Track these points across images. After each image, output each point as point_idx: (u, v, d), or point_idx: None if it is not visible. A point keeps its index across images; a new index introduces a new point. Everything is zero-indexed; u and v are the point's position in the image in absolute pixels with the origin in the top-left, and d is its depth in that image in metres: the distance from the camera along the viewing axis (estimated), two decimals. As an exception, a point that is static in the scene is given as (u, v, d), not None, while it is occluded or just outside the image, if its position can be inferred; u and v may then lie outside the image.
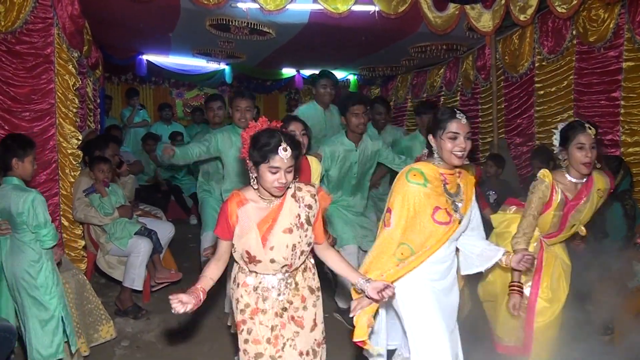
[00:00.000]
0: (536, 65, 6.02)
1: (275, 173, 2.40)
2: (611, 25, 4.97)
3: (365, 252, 3.61)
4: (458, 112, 2.77)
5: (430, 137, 2.83)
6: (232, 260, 2.69)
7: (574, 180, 3.22)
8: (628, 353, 3.93)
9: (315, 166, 3.84)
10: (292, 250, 2.54)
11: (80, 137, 4.79)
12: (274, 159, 2.38)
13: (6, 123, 4.38)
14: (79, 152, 4.78)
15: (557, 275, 3.43)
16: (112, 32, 6.45)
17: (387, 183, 5.48)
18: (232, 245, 2.58)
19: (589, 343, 4.07)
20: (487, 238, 3.17)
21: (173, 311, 2.33)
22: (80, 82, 4.90)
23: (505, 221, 3.64)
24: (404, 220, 2.73)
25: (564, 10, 4.94)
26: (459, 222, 2.80)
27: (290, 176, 2.45)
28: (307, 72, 9.43)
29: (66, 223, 4.72)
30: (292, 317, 2.64)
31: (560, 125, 3.25)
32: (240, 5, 5.18)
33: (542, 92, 5.95)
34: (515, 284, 3.18)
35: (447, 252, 2.87)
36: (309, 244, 2.61)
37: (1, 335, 3.36)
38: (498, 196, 5.37)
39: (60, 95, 4.59)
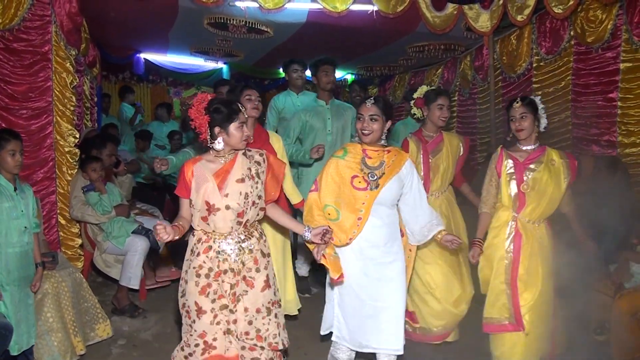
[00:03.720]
0: (534, 65, 6.03)
1: (242, 127, 2.90)
2: (609, 26, 4.98)
3: None
4: (369, 99, 3.31)
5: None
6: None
7: (523, 147, 3.66)
8: (623, 353, 3.95)
9: (277, 143, 4.14)
10: (245, 199, 2.92)
11: (77, 135, 4.78)
12: (239, 116, 2.89)
13: (3, 121, 4.38)
14: (76, 150, 4.78)
15: (533, 258, 3.58)
16: (110, 30, 6.44)
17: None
18: (191, 203, 2.94)
19: (584, 342, 4.11)
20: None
21: (157, 237, 2.73)
22: (77, 80, 4.89)
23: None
24: (324, 185, 3.29)
25: (560, 11, 4.95)
26: (377, 188, 3.24)
27: (248, 128, 3.07)
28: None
29: (63, 221, 4.71)
30: (244, 277, 2.99)
31: None
32: (238, 3, 5.19)
33: (539, 92, 5.95)
34: (476, 240, 3.67)
35: (380, 221, 3.28)
36: (259, 197, 3.00)
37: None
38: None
39: (57, 93, 4.58)
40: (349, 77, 9.78)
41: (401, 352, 3.25)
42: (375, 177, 3.25)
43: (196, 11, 5.38)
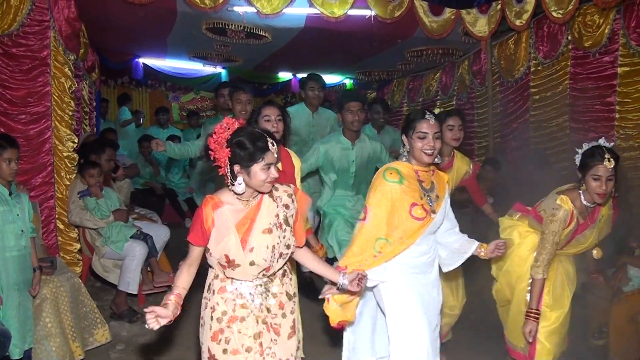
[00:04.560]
0: (531, 70, 6.03)
1: (268, 169, 2.37)
2: (606, 31, 4.99)
3: None
4: (427, 112, 2.91)
5: (404, 136, 2.98)
6: (205, 266, 2.65)
7: (587, 204, 3.25)
8: (621, 357, 3.96)
9: (296, 160, 3.64)
10: (272, 252, 2.47)
11: (75, 140, 4.79)
12: (267, 156, 2.36)
13: (2, 125, 4.38)
14: (75, 155, 4.78)
15: (560, 283, 3.45)
16: (109, 35, 6.45)
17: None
18: (208, 250, 2.49)
19: (583, 346, 4.11)
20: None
21: (147, 326, 2.29)
22: (76, 85, 4.90)
23: (510, 227, 3.67)
24: (382, 216, 2.87)
25: (559, 16, 4.96)
26: (433, 216, 2.93)
27: (276, 169, 2.43)
28: (303, 76, 9.45)
29: (61, 226, 4.71)
30: (270, 325, 2.57)
31: (585, 146, 3.26)
32: (236, 9, 5.19)
33: (537, 96, 5.97)
34: (533, 311, 3.23)
35: (427, 246, 3.00)
36: (288, 246, 2.54)
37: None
38: (495, 200, 5.37)
39: (56, 98, 4.59)
40: (348, 82, 9.80)
41: None
42: (433, 203, 2.95)
43: (194, 16, 5.39)
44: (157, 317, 2.31)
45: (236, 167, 2.38)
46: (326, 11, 4.95)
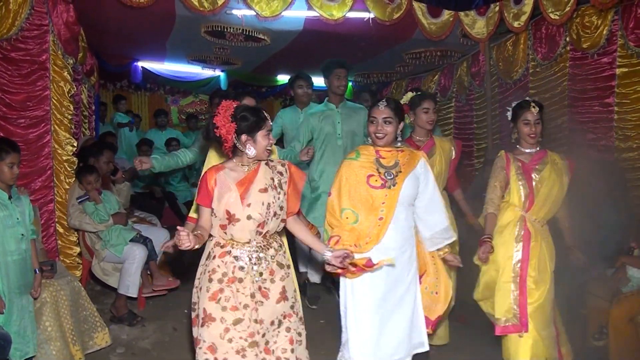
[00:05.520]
0: (530, 71, 6.03)
1: (268, 135, 2.85)
2: (604, 32, 4.99)
3: None
4: (381, 101, 3.29)
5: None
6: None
7: (526, 150, 3.76)
8: (621, 358, 3.96)
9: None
10: (267, 209, 2.84)
11: (74, 144, 4.79)
12: (267, 123, 2.84)
13: (1, 130, 4.38)
14: (74, 158, 4.78)
15: (542, 257, 3.64)
16: (108, 39, 6.46)
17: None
18: (212, 212, 2.84)
19: (583, 347, 4.11)
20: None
21: (177, 241, 2.62)
22: (75, 89, 4.90)
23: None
24: (341, 188, 3.24)
25: (557, 17, 4.96)
26: (395, 186, 3.20)
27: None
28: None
29: (61, 230, 4.71)
30: (259, 288, 2.87)
31: (513, 104, 3.80)
32: (235, 12, 5.20)
33: (536, 98, 5.95)
34: (486, 236, 3.60)
35: (397, 222, 3.20)
36: (281, 208, 2.91)
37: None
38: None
39: (55, 102, 4.59)
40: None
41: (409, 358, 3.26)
42: (392, 176, 3.21)
43: (193, 19, 5.39)
44: (188, 236, 2.62)
45: (243, 137, 2.80)
46: (325, 14, 4.96)
